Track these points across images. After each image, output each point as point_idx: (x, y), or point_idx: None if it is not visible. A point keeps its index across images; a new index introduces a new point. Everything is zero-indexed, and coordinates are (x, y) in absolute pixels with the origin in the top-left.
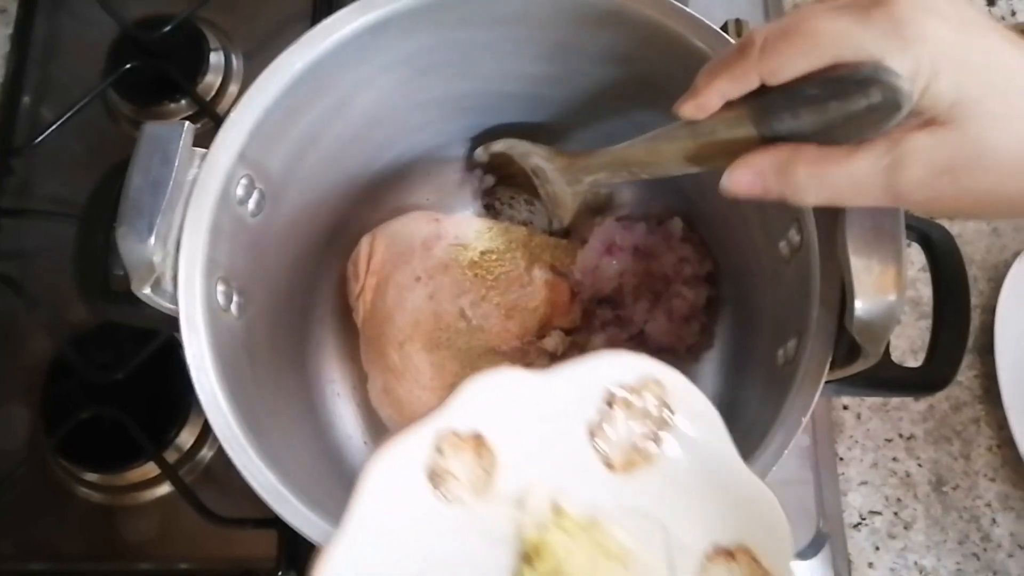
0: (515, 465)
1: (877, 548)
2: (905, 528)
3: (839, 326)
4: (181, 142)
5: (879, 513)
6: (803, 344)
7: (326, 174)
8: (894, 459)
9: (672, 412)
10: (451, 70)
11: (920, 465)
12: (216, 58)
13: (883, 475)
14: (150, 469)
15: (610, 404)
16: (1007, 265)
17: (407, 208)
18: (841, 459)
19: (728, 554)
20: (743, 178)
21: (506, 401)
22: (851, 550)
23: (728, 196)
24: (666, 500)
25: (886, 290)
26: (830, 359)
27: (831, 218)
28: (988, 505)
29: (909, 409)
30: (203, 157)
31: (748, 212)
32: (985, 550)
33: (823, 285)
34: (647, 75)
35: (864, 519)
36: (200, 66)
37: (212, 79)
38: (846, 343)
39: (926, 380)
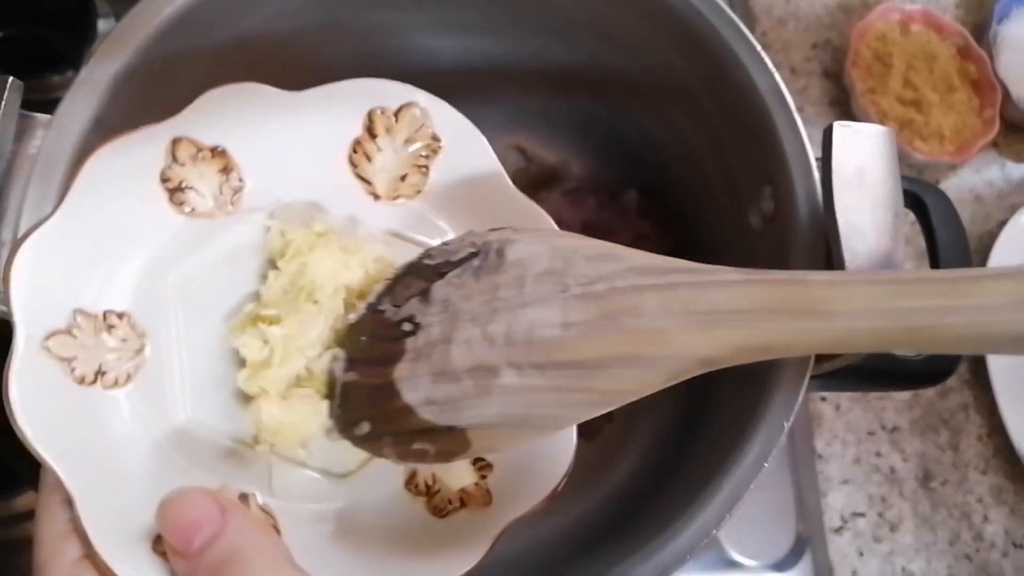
0: (265, 188)
1: (861, 553)
2: (891, 530)
3: None
4: (3, 101)
5: (863, 515)
6: None
7: None
8: (877, 454)
9: (438, 139)
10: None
11: (905, 459)
12: (106, 25)
13: (866, 472)
14: (32, 499)
15: (370, 131)
16: (992, 236)
17: None
18: (820, 456)
19: None
20: None
21: (254, 117)
22: (833, 556)
23: None
24: (437, 228)
25: (883, 265)
26: None
27: (811, 181)
28: (980, 500)
29: (893, 398)
30: (48, 124)
31: (712, 177)
32: (978, 550)
33: (803, 261)
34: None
35: (847, 522)
36: (87, 33)
37: None
38: None
39: (925, 371)
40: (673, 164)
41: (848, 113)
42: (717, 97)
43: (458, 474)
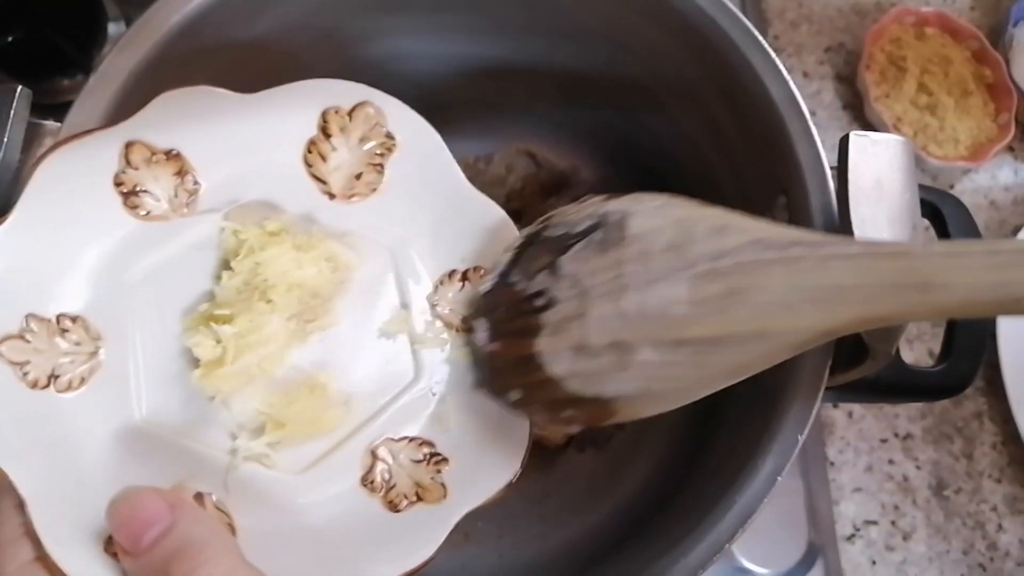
0: (220, 189)
1: (874, 562)
2: (904, 539)
3: None
4: (12, 111)
5: (875, 523)
6: None
7: None
8: (890, 462)
9: (392, 138)
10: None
11: (919, 467)
12: (116, 29)
13: (879, 480)
14: None
15: (325, 131)
16: None
17: None
18: (832, 464)
19: (461, 275)
20: None
21: (207, 119)
22: (845, 565)
23: None
24: (392, 227)
25: None
26: (830, 362)
27: (826, 191)
28: (994, 509)
29: (906, 406)
30: (56, 133)
31: (725, 186)
32: (992, 560)
33: None
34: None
35: (859, 530)
36: (97, 37)
37: (110, 52)
38: (849, 342)
39: (943, 383)
40: (685, 171)
41: (861, 117)
42: (730, 104)
43: (414, 469)
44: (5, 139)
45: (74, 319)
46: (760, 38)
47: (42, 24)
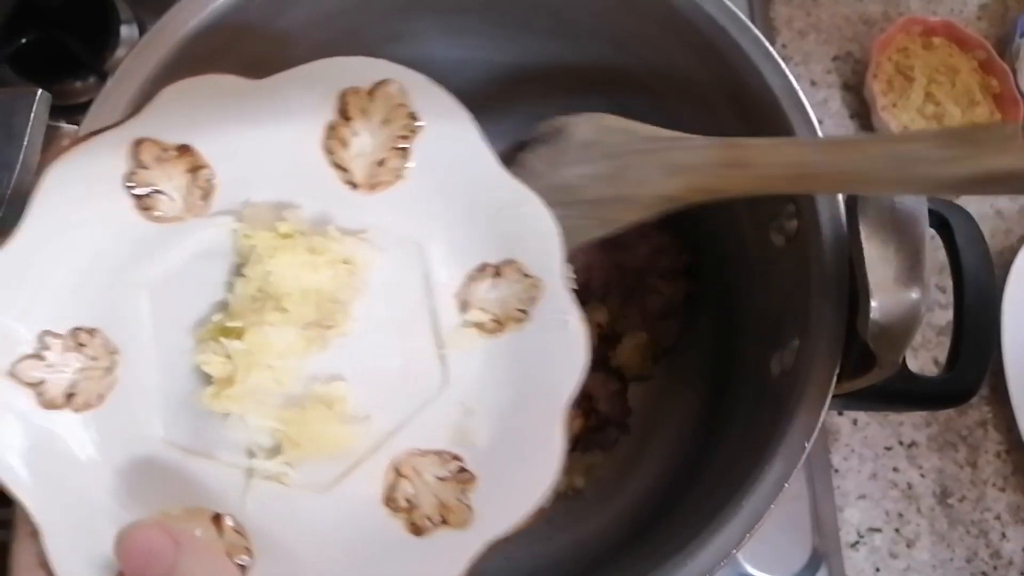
0: (235, 184)
1: (878, 569)
2: (908, 546)
3: (848, 330)
4: (32, 114)
5: (879, 530)
6: (805, 352)
7: None
8: (895, 469)
9: (416, 117)
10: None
11: (923, 475)
12: (128, 31)
13: (883, 487)
14: None
15: (344, 114)
16: (1013, 251)
17: None
18: (837, 471)
19: (494, 270)
20: None
21: (218, 110)
22: (849, 572)
23: None
24: (420, 217)
25: (908, 285)
26: (838, 369)
27: (835, 199)
28: (998, 518)
29: (910, 414)
30: (75, 135)
31: None
32: (995, 568)
33: (829, 281)
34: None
35: (863, 537)
36: (108, 39)
37: (123, 54)
38: (856, 350)
39: (948, 392)
40: None
41: (868, 127)
42: (738, 111)
43: (440, 488)
44: (25, 141)
45: (90, 332)
46: (769, 47)
47: (54, 27)
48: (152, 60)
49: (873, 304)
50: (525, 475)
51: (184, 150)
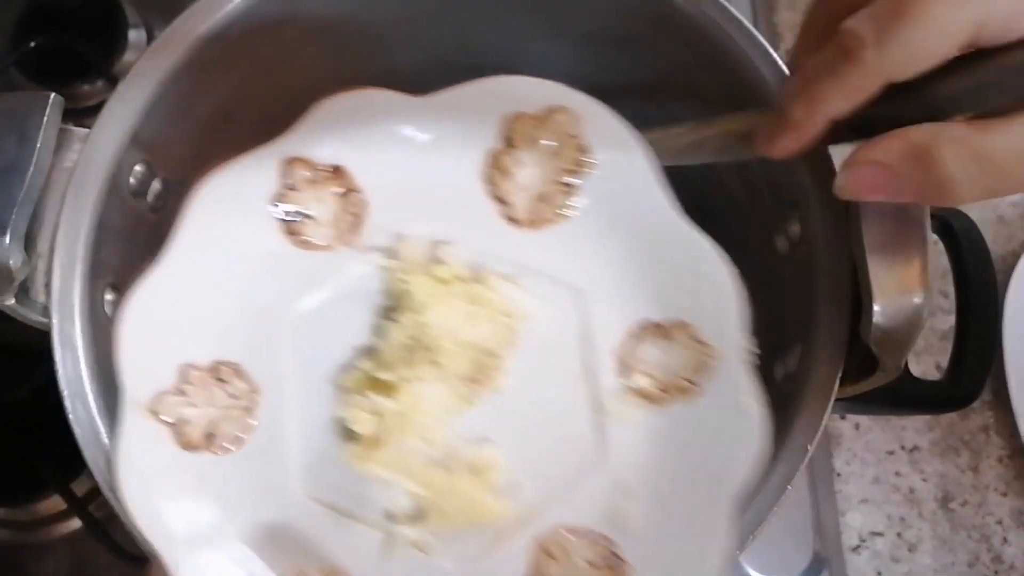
0: (388, 208)
1: (879, 573)
2: (910, 550)
3: (850, 334)
4: (45, 118)
5: (881, 534)
6: (808, 356)
7: None
8: (897, 474)
9: (587, 151)
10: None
11: (925, 480)
12: (136, 35)
13: (885, 492)
14: (57, 503)
15: (510, 142)
16: (1016, 256)
17: None
18: (839, 475)
19: (661, 330)
20: (864, 176)
21: (374, 129)
22: (851, 575)
23: (845, 198)
24: (582, 262)
25: (910, 290)
26: (840, 373)
27: (842, 204)
28: (999, 522)
29: (913, 418)
30: (85, 139)
31: (739, 198)
32: (997, 572)
33: (832, 285)
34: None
35: (865, 541)
36: (117, 43)
37: (131, 58)
38: (859, 354)
39: (950, 396)
40: (698, 183)
41: None
42: None
43: (590, 574)
44: (38, 145)
45: (233, 367)
46: (773, 52)
47: (62, 30)
48: (165, 63)
49: (876, 309)
50: (687, 566)
51: (337, 172)
